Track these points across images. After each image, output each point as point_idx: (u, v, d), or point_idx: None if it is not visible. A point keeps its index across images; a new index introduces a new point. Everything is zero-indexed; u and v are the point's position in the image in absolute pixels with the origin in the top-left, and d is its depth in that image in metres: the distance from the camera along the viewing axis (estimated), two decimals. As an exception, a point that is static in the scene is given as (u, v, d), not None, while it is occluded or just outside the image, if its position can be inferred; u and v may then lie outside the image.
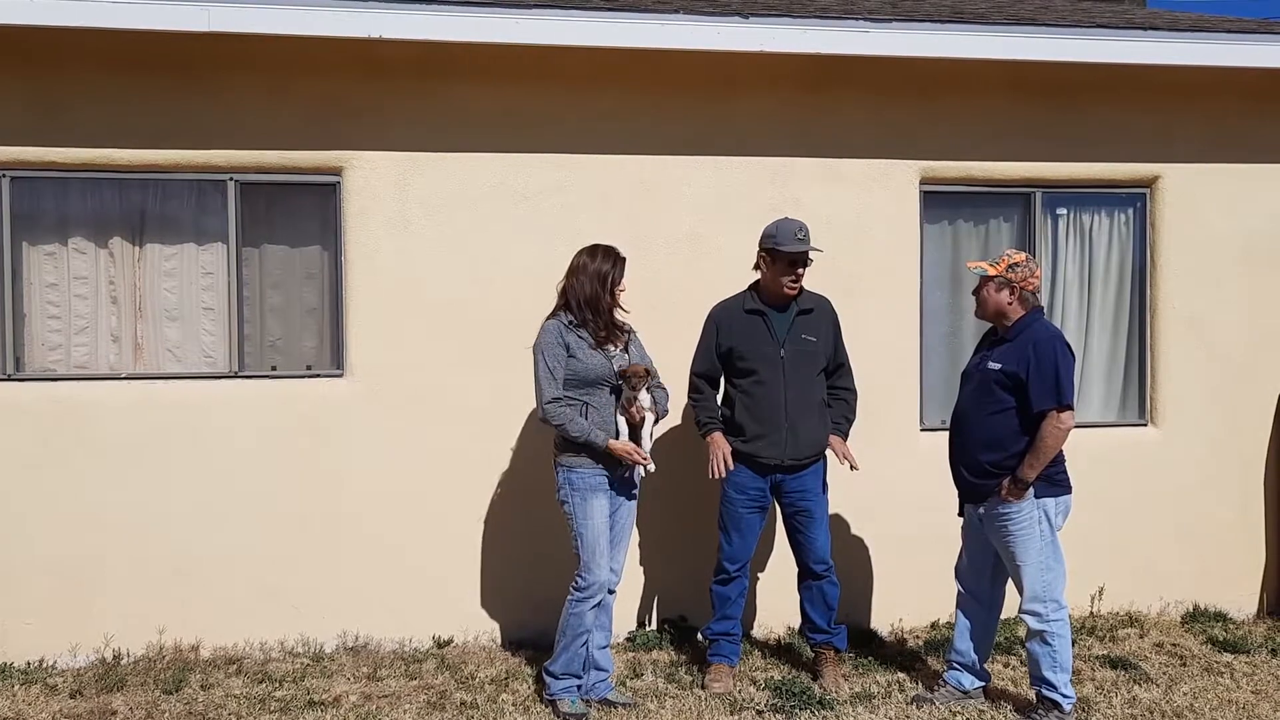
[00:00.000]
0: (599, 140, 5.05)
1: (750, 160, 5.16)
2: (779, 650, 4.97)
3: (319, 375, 4.99)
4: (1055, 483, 4.02)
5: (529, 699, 4.30)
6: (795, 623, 4.80)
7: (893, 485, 5.21)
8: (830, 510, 4.57)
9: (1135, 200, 5.56)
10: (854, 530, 5.28)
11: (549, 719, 4.11)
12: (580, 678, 4.18)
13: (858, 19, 4.94)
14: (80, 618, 4.74)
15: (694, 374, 4.59)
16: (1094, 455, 5.19)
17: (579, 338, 4.11)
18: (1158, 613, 5.47)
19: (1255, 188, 5.51)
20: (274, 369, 5.00)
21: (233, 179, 4.87)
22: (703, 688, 4.41)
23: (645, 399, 4.14)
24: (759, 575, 5.15)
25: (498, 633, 5.05)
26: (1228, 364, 5.53)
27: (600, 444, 4.07)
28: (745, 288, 4.58)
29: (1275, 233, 5.55)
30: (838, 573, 4.55)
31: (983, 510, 4.10)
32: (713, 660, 4.54)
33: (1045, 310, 4.34)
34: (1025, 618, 4.03)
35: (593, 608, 4.11)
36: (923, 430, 5.35)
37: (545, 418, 4.10)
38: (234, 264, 4.91)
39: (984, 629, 4.27)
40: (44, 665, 4.70)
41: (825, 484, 4.53)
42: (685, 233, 5.13)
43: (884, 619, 5.30)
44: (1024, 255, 4.11)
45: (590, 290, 4.12)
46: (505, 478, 5.04)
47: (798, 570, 4.58)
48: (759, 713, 4.17)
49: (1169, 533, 5.49)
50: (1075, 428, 4.01)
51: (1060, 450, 3.97)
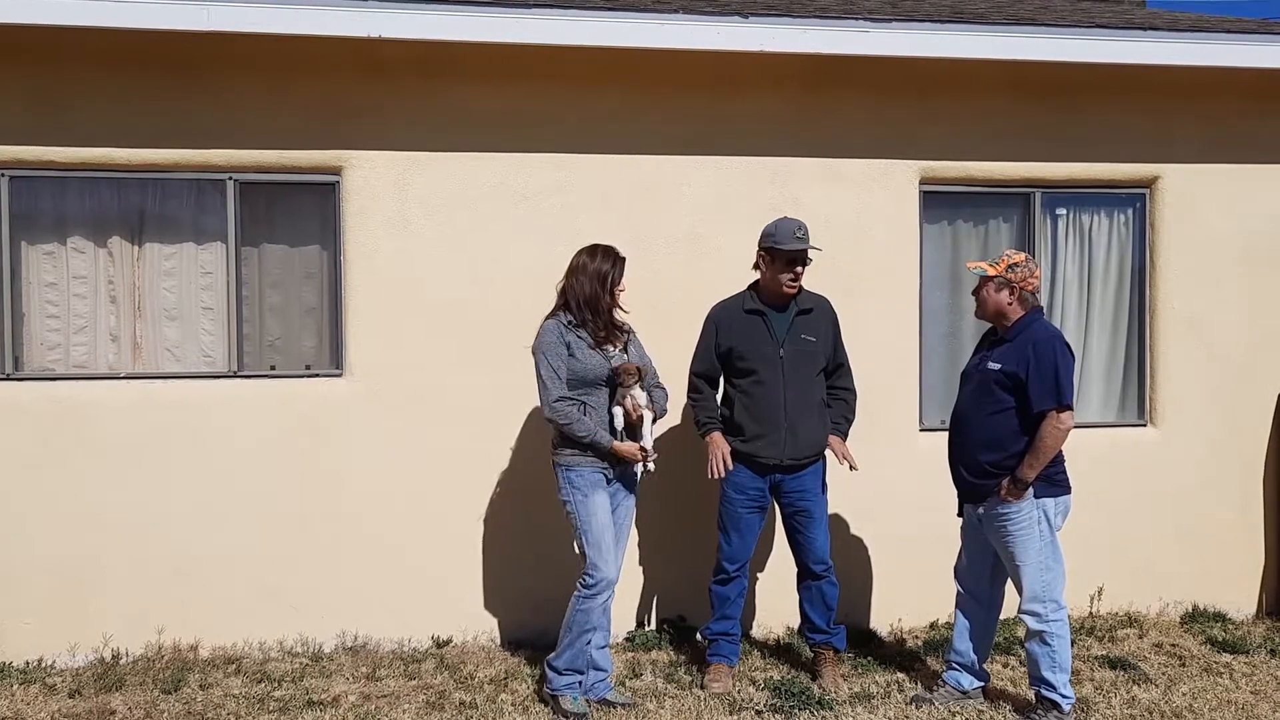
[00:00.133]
0: (599, 140, 5.05)
1: (750, 160, 5.16)
2: (778, 650, 4.96)
3: (318, 375, 4.99)
4: (1055, 483, 4.02)
5: (528, 699, 4.30)
6: (794, 623, 4.80)
7: (892, 485, 5.21)
8: (829, 510, 4.57)
9: (1135, 200, 5.56)
10: (853, 530, 5.28)
11: (548, 719, 4.11)
12: (582, 674, 4.17)
13: (857, 19, 4.94)
14: (79, 617, 4.74)
15: (693, 374, 4.59)
16: (1093, 455, 5.19)
17: (578, 337, 4.10)
18: (1157, 613, 5.48)
19: (1255, 188, 5.52)
20: (273, 369, 5.00)
21: (232, 178, 4.87)
22: (702, 688, 4.41)
23: (641, 397, 4.12)
24: (758, 575, 5.15)
25: (497, 633, 5.05)
26: (1227, 364, 5.53)
27: (605, 445, 4.07)
28: (745, 288, 4.58)
29: (1275, 233, 5.55)
30: (837, 573, 4.55)
31: (982, 510, 4.10)
32: (712, 660, 4.54)
33: (1045, 310, 4.34)
34: (1024, 618, 4.03)
35: (600, 605, 4.09)
36: (922, 430, 5.35)
37: (551, 417, 4.09)
38: (233, 263, 4.91)
39: (983, 629, 4.27)
40: (43, 665, 4.69)
41: (824, 484, 4.53)
42: (685, 233, 5.13)
43: (883, 619, 5.30)
44: (1024, 255, 4.11)
45: (590, 290, 4.12)
46: (505, 477, 5.04)
47: (797, 570, 4.58)
48: (758, 713, 4.17)
49: (1168, 533, 5.50)
50: (1075, 428, 4.01)
51: (1060, 450, 3.97)
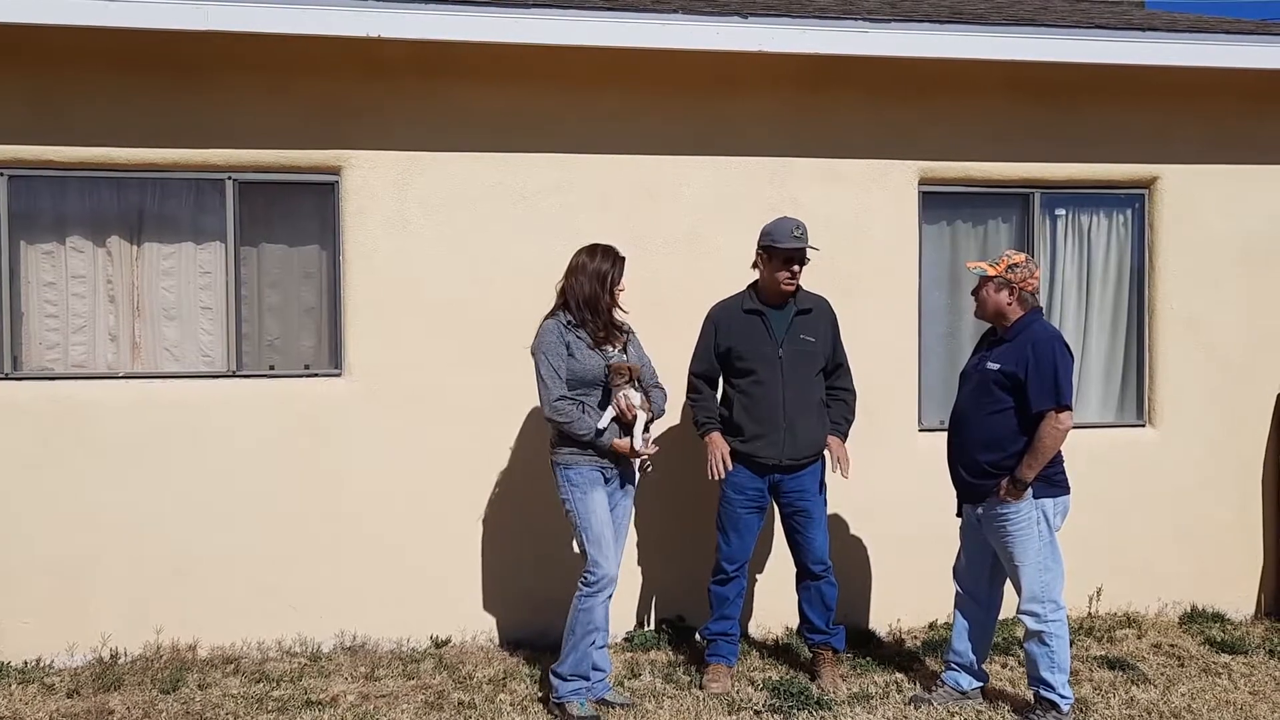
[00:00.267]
0: (598, 140, 5.05)
1: (749, 160, 5.16)
2: (777, 650, 4.96)
3: (317, 375, 4.98)
4: (1054, 483, 4.02)
5: (526, 699, 4.30)
6: (793, 623, 4.80)
7: (891, 485, 5.21)
8: (829, 510, 4.56)
9: (1134, 201, 5.56)
10: (852, 530, 5.28)
11: (546, 719, 4.11)
12: (589, 679, 4.12)
13: (857, 19, 4.94)
14: (77, 617, 4.74)
15: (692, 374, 4.59)
16: (1092, 456, 5.20)
17: (577, 338, 4.09)
18: (1155, 613, 5.48)
19: (1254, 188, 5.52)
20: (272, 368, 5.00)
21: (231, 178, 4.87)
22: (700, 688, 4.40)
23: (635, 397, 4.09)
24: (757, 575, 5.15)
25: (495, 632, 5.05)
26: (1226, 365, 5.53)
27: (605, 444, 4.06)
28: (744, 288, 4.58)
29: (1273, 233, 5.56)
30: (836, 573, 4.55)
31: (981, 510, 4.10)
32: (710, 660, 4.54)
33: (1044, 311, 4.34)
34: (1023, 618, 4.03)
35: (603, 602, 4.05)
36: (921, 430, 5.36)
37: (551, 416, 4.07)
38: (232, 263, 4.90)
39: (982, 629, 4.27)
40: (41, 665, 4.69)
41: (823, 484, 4.53)
42: (684, 233, 5.13)
43: (882, 619, 5.30)
44: (1023, 256, 4.11)
45: (589, 290, 4.11)
46: (504, 477, 5.04)
47: (796, 570, 4.58)
48: (757, 713, 4.17)
49: (1167, 533, 5.50)
50: (1073, 428, 4.01)
51: (1059, 451, 3.97)
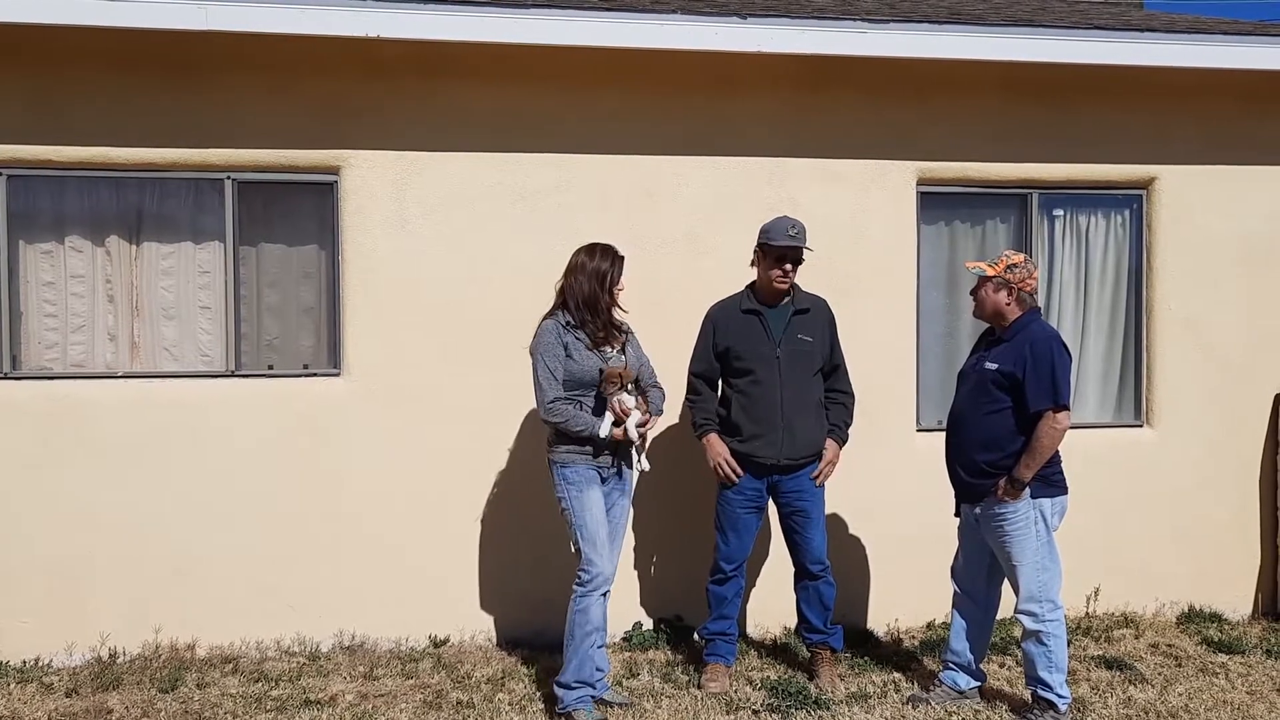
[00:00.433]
0: (597, 140, 5.05)
1: (748, 160, 5.17)
2: (775, 650, 4.97)
3: (316, 374, 4.99)
4: (1051, 483, 4.02)
5: (525, 698, 4.30)
6: (791, 622, 4.80)
7: (889, 485, 5.22)
8: (827, 510, 4.56)
9: (1132, 201, 5.56)
10: (850, 530, 5.29)
11: (545, 718, 4.11)
12: (594, 685, 4.06)
13: (855, 20, 4.95)
14: (76, 617, 4.74)
15: (692, 374, 4.59)
16: (1090, 456, 5.20)
17: (576, 338, 4.07)
18: (1153, 613, 5.48)
19: (1252, 189, 5.52)
20: (271, 368, 5.00)
21: (230, 178, 4.87)
22: (699, 687, 4.41)
23: (629, 400, 4.07)
24: (755, 575, 5.15)
25: (494, 632, 5.05)
26: (1224, 365, 5.53)
27: (605, 435, 4.03)
28: (743, 288, 4.59)
29: (1272, 234, 5.56)
30: (834, 573, 4.55)
31: (979, 510, 4.11)
32: (709, 660, 4.54)
33: (1042, 311, 4.35)
34: (1021, 618, 4.04)
35: (599, 600, 4.02)
36: (919, 431, 5.36)
37: (546, 418, 4.06)
38: (231, 263, 4.91)
39: (980, 629, 4.28)
40: (40, 664, 4.69)
41: (822, 484, 4.53)
42: (683, 232, 5.14)
43: (880, 619, 5.30)
44: (1022, 256, 4.12)
45: (589, 289, 4.09)
46: (503, 477, 5.04)
47: (794, 570, 4.58)
48: (755, 712, 4.17)
49: (1165, 534, 5.50)
50: (1071, 428, 4.02)
51: (1056, 451, 3.98)
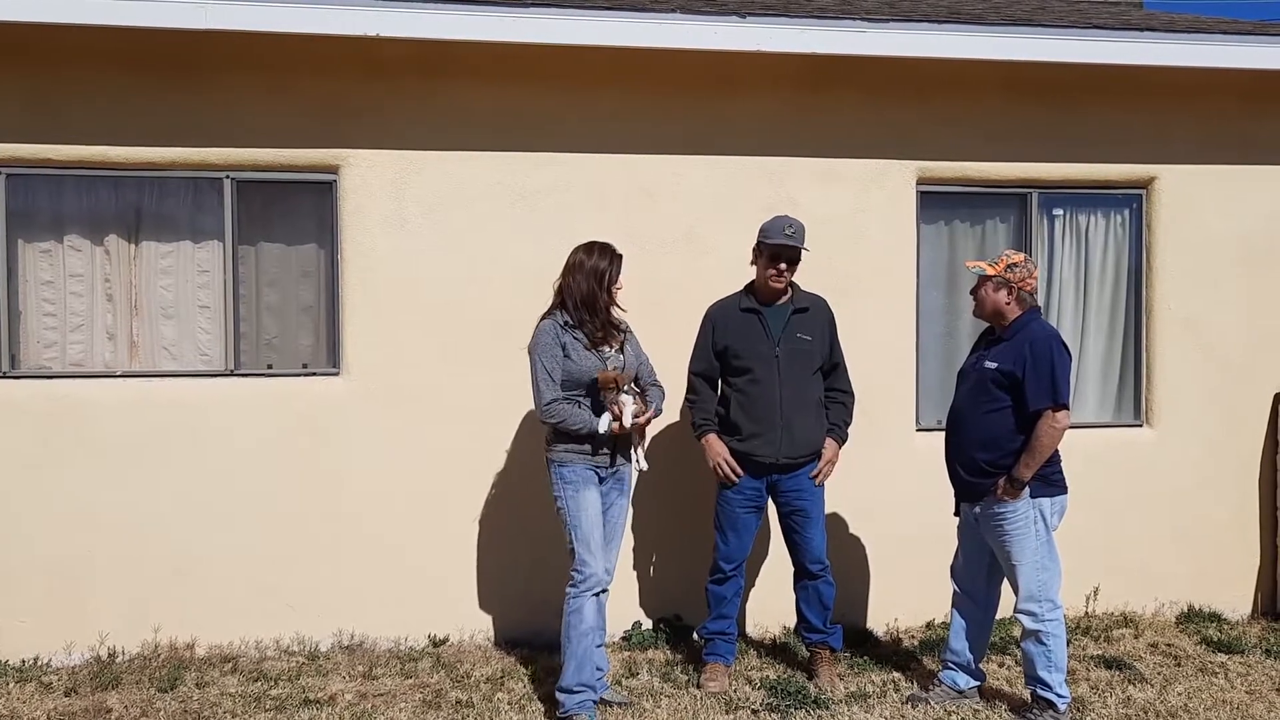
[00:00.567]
0: (596, 139, 5.05)
1: (747, 160, 5.16)
2: (774, 650, 4.97)
3: (315, 374, 4.98)
4: (1051, 483, 4.02)
5: (524, 697, 4.30)
6: (791, 622, 4.79)
7: (889, 485, 5.22)
8: (826, 510, 4.56)
9: (1131, 201, 5.56)
10: (850, 530, 5.28)
11: (544, 718, 4.11)
12: (594, 688, 4.02)
13: (855, 19, 4.95)
14: (75, 616, 4.74)
15: (692, 373, 4.59)
16: (1089, 456, 5.20)
17: (574, 338, 4.05)
18: (1152, 613, 5.48)
19: (1252, 189, 5.52)
20: (270, 367, 5.00)
21: (229, 177, 4.87)
22: (698, 687, 4.41)
23: (627, 399, 4.04)
24: (755, 575, 5.15)
25: (493, 632, 5.05)
26: (1224, 365, 5.53)
27: (605, 430, 4.00)
28: (743, 287, 4.58)
29: (1271, 233, 5.56)
30: (833, 572, 4.55)
31: (978, 509, 4.11)
32: (708, 659, 4.54)
33: (1042, 310, 4.35)
34: (1020, 617, 4.03)
35: (593, 599, 4.00)
36: (919, 430, 5.36)
37: (544, 419, 4.05)
38: (230, 262, 4.90)
39: (979, 628, 4.28)
40: (39, 663, 4.69)
41: (821, 483, 4.53)
42: (682, 232, 5.13)
43: (880, 619, 5.30)
44: (1022, 256, 4.13)
45: (587, 289, 4.06)
46: (502, 477, 5.04)
47: (793, 570, 4.58)
48: (754, 712, 4.17)
49: (1164, 533, 5.50)
50: (1071, 428, 4.02)
51: (1056, 450, 3.98)
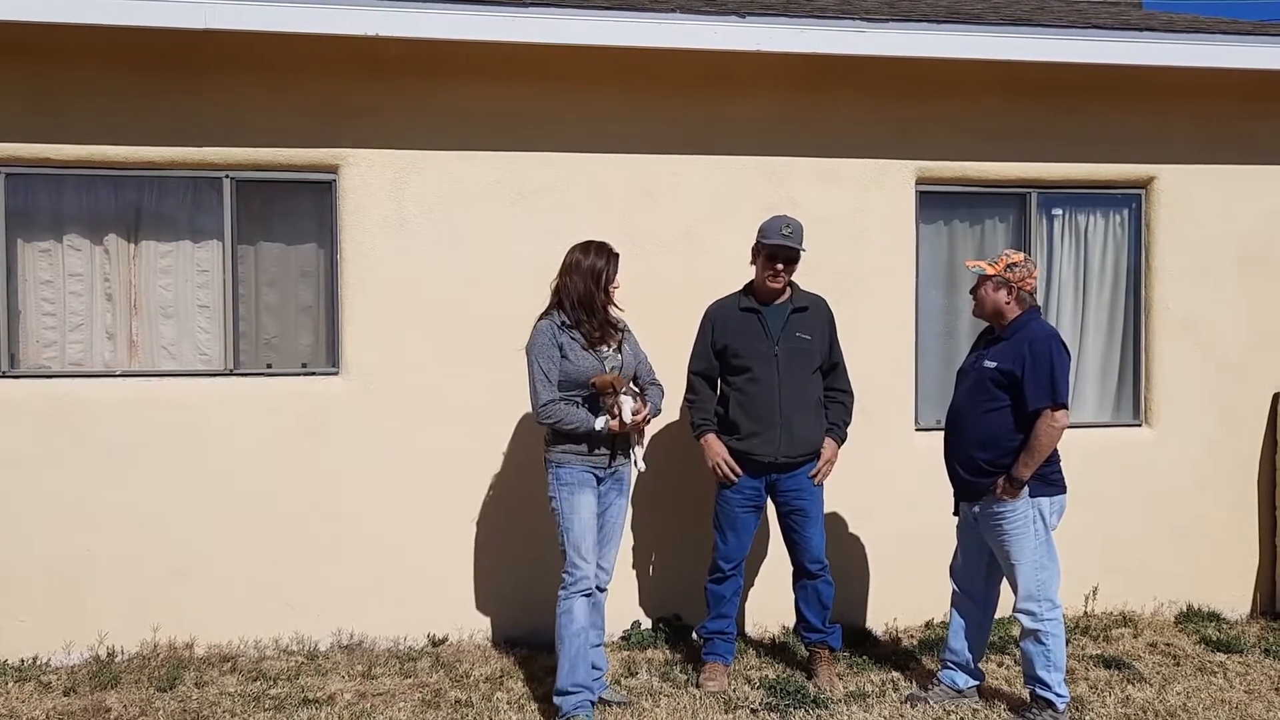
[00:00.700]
0: (596, 139, 5.05)
1: (747, 159, 5.16)
2: (774, 649, 4.97)
3: (314, 373, 4.98)
4: (1050, 482, 4.02)
5: (523, 697, 4.30)
6: (790, 622, 4.79)
7: (888, 484, 5.22)
8: (825, 509, 4.57)
9: (1131, 201, 5.57)
10: (849, 529, 5.29)
11: (543, 717, 4.11)
12: (590, 689, 4.01)
13: (854, 19, 4.95)
14: (74, 615, 4.73)
15: (692, 372, 4.60)
16: (1088, 455, 5.21)
17: (571, 339, 4.03)
18: (1151, 613, 5.49)
19: (1251, 189, 5.52)
20: (269, 367, 5.00)
21: (228, 177, 4.87)
22: (697, 686, 4.41)
23: (626, 401, 4.03)
24: (754, 574, 5.15)
25: (492, 631, 5.05)
26: (1223, 364, 5.53)
27: (603, 429, 3.99)
28: (742, 286, 4.59)
29: (1271, 233, 5.57)
30: (832, 572, 4.55)
31: (978, 509, 4.11)
32: (707, 659, 4.54)
33: (1041, 310, 4.35)
34: (1019, 617, 4.04)
35: (582, 599, 3.98)
36: (918, 430, 5.36)
37: (541, 420, 4.03)
38: (229, 261, 4.90)
39: (978, 628, 4.28)
40: (38, 663, 4.69)
41: (820, 483, 4.53)
42: (682, 232, 5.13)
43: (879, 618, 5.31)
44: (1022, 255, 4.13)
45: (584, 288, 4.04)
46: (501, 477, 5.04)
47: (793, 569, 4.59)
48: (753, 711, 4.17)
49: (1163, 533, 5.50)
50: (1070, 427, 4.02)
51: (1055, 449, 3.98)
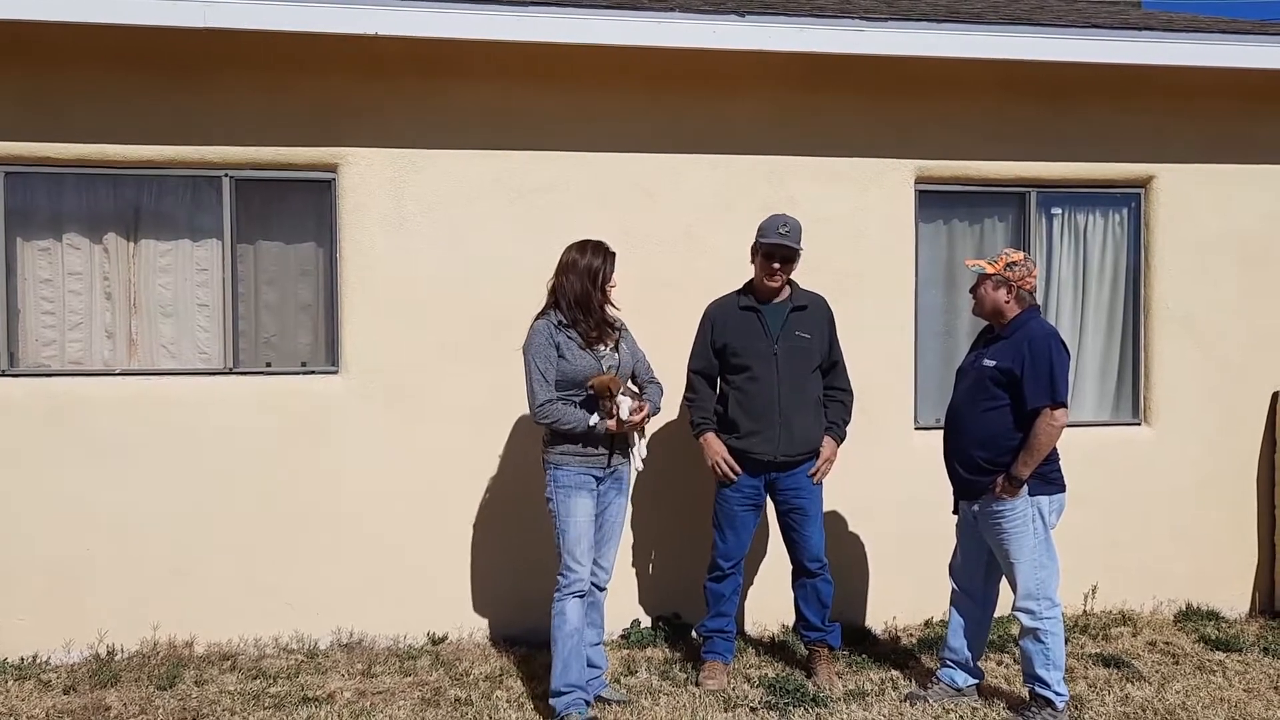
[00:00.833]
0: (595, 138, 5.05)
1: (746, 159, 5.17)
2: (773, 648, 4.97)
3: (314, 372, 4.99)
4: (1049, 481, 4.03)
5: (523, 695, 4.30)
6: (789, 620, 4.80)
7: (887, 483, 5.22)
8: (825, 508, 4.57)
9: (1130, 200, 5.57)
10: (848, 528, 5.29)
11: (542, 715, 4.11)
12: (584, 688, 3.99)
13: (854, 18, 4.95)
14: (74, 614, 4.73)
15: (691, 371, 4.60)
16: (1087, 454, 5.21)
17: (568, 338, 4.01)
18: (1150, 611, 5.49)
19: (1250, 188, 5.53)
20: (268, 365, 5.00)
21: (228, 175, 4.87)
22: (697, 685, 4.41)
23: (624, 400, 4.01)
24: (753, 573, 5.15)
25: (491, 630, 5.05)
26: (1221, 363, 5.54)
27: (601, 429, 3.98)
28: (742, 285, 4.59)
29: (1269, 233, 5.57)
30: (832, 570, 4.55)
31: (977, 507, 4.11)
32: (707, 657, 4.55)
33: (1041, 309, 4.35)
34: (1018, 615, 4.04)
35: (576, 601, 3.97)
36: (917, 429, 5.36)
37: (538, 420, 4.02)
38: (229, 260, 4.90)
39: (978, 626, 4.28)
40: (38, 661, 4.69)
41: (819, 481, 4.53)
42: (681, 232, 5.13)
43: (878, 617, 5.31)
44: (1022, 254, 4.14)
45: (580, 288, 4.02)
46: (500, 476, 5.04)
47: (792, 568, 4.59)
48: (753, 710, 4.17)
49: (1162, 532, 5.51)
50: (1069, 426, 4.03)
51: (1055, 448, 3.99)
